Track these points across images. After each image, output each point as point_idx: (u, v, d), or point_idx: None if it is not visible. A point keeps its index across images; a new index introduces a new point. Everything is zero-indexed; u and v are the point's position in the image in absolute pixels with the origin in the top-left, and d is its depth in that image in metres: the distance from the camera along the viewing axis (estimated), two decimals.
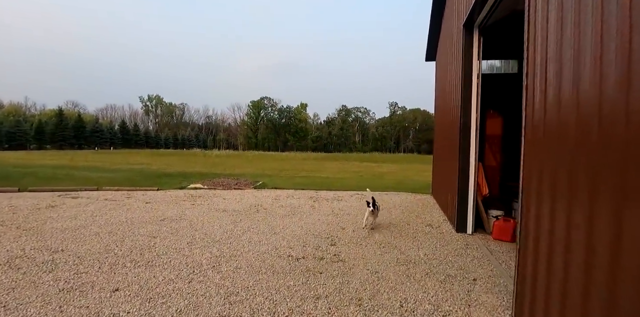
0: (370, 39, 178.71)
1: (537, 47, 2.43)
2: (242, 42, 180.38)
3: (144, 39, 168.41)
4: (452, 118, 6.20)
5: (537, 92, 2.43)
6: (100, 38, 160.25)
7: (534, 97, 2.50)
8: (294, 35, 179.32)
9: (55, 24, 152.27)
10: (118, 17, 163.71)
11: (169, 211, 7.69)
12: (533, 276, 2.39)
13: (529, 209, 2.56)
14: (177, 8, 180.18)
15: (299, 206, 8.65)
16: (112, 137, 79.38)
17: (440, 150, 8.31)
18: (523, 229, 2.64)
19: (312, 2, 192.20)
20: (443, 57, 7.81)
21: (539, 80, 2.40)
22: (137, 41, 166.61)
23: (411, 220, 6.72)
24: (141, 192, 11.25)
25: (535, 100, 2.47)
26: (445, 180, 6.94)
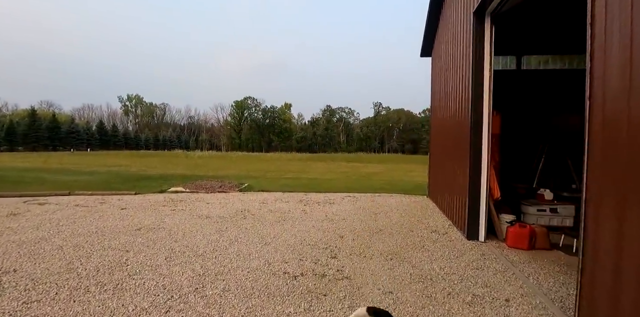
0: (355, 38, 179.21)
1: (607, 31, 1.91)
2: (225, 41, 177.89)
3: (123, 37, 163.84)
4: (459, 116, 5.73)
5: (612, 82, 1.91)
6: (77, 34, 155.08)
7: (603, 91, 1.99)
8: (277, 36, 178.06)
9: (29, 17, 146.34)
10: (95, 14, 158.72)
11: (146, 219, 6.96)
12: (609, 301, 1.87)
13: (597, 222, 2.04)
14: (159, 6, 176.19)
15: (289, 210, 8.04)
16: (89, 138, 76.41)
17: (440, 150, 7.85)
18: (590, 248, 2.12)
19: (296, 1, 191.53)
20: (444, 52, 7.34)
21: (617, 70, 1.88)
22: (116, 39, 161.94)
23: (413, 225, 6.21)
24: (117, 197, 10.42)
25: (608, 94, 1.95)
26: (449, 182, 6.47)
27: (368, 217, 7.03)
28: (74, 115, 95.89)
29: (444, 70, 7.24)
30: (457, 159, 5.83)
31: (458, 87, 5.85)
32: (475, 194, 4.92)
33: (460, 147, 5.48)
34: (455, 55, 6.13)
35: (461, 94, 5.64)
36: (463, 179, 5.22)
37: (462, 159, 5.31)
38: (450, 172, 6.42)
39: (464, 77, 5.46)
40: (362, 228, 6.05)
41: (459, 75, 5.84)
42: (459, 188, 5.54)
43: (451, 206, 6.26)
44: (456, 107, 6.00)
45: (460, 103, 5.66)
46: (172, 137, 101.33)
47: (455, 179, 5.94)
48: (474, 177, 4.92)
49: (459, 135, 5.64)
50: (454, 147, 6.02)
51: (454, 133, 6.15)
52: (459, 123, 5.73)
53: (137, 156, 46.52)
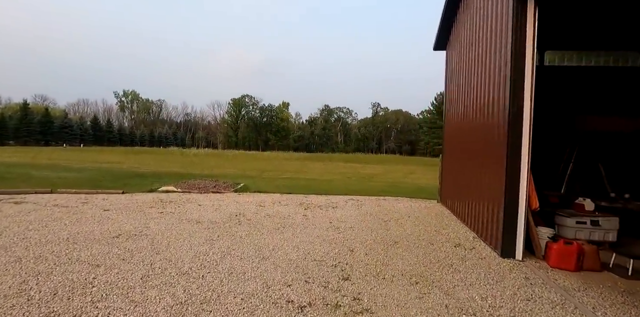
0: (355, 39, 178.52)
1: None
2: (224, 38, 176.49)
3: (121, 33, 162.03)
4: (488, 114, 5.01)
5: None
6: (74, 29, 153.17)
7: None
8: (276, 33, 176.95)
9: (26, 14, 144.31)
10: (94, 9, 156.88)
11: (128, 223, 6.17)
12: None
13: None
14: (157, 2, 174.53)
15: (288, 215, 7.28)
16: (82, 134, 75.05)
17: (458, 152, 7.10)
18: None
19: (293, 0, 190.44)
20: (466, 43, 6.59)
21: None
22: (113, 34, 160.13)
23: (432, 237, 5.46)
24: (102, 196, 9.62)
25: None
26: (471, 187, 5.74)
27: (378, 226, 6.28)
28: (69, 111, 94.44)
29: (465, 64, 6.50)
30: (484, 162, 5.10)
31: (488, 83, 5.11)
32: (512, 203, 4.18)
33: (491, 149, 4.75)
34: (484, 46, 5.38)
35: (492, 90, 4.91)
36: (495, 184, 4.49)
37: (494, 162, 4.58)
38: (473, 177, 5.70)
39: (497, 71, 4.73)
40: (374, 239, 5.30)
41: (489, 69, 5.10)
42: (488, 195, 4.81)
43: (475, 215, 5.52)
44: (484, 104, 5.26)
45: (492, 100, 4.92)
46: (168, 134, 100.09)
47: (480, 185, 5.22)
48: (511, 183, 4.18)
49: (489, 136, 4.92)
50: (482, 149, 5.28)
51: (480, 133, 5.41)
52: (488, 122, 5.01)
53: (131, 153, 45.55)
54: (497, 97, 4.67)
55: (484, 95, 5.26)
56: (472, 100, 5.93)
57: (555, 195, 5.65)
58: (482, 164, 5.18)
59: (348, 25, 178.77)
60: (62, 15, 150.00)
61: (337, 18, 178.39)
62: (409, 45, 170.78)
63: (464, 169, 6.43)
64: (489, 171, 4.85)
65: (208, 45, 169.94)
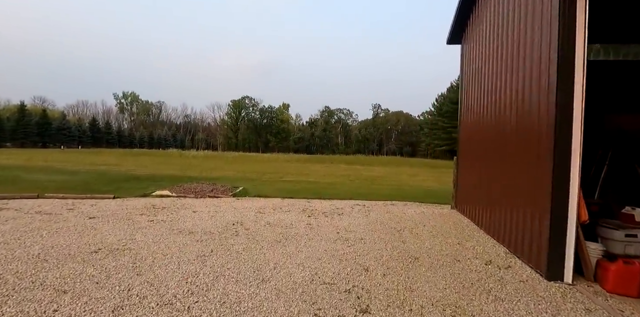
0: (354, 39, 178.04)
1: None
2: (223, 39, 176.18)
3: (120, 34, 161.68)
4: (526, 113, 4.35)
5: None
6: (72, 31, 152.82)
7: None
8: (276, 34, 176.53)
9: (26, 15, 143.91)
10: (93, 11, 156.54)
11: (113, 234, 5.51)
12: None
13: None
14: (157, 4, 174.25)
15: (291, 223, 6.61)
16: (80, 135, 74.39)
17: (480, 154, 6.42)
18: None
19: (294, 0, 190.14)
20: (491, 34, 5.91)
21: None
22: (113, 36, 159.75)
23: (457, 251, 4.78)
24: (92, 202, 8.97)
25: None
26: (500, 194, 5.07)
27: (391, 237, 5.61)
28: (67, 112, 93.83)
29: (490, 58, 5.81)
30: (520, 164, 4.44)
31: (524, 77, 4.45)
32: (560, 213, 3.50)
33: (530, 150, 4.09)
34: (516, 36, 4.71)
35: (530, 85, 4.25)
36: (537, 191, 3.81)
37: (535, 165, 3.92)
38: (502, 182, 5.03)
39: (538, 64, 4.07)
40: (390, 254, 4.62)
41: (525, 62, 4.44)
42: (526, 203, 4.14)
43: (505, 225, 4.85)
44: (518, 101, 4.58)
45: (529, 97, 4.26)
46: (167, 136, 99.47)
47: (514, 191, 4.56)
48: (559, 189, 3.50)
49: (527, 135, 4.26)
50: (516, 150, 4.61)
51: (512, 133, 4.73)
52: (525, 120, 4.35)
53: (129, 155, 44.89)
54: (537, 93, 4.01)
55: (518, 92, 4.59)
56: (500, 97, 5.26)
57: (595, 203, 4.98)
58: (516, 167, 4.50)
59: (349, 26, 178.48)
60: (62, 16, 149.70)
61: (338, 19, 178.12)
62: (410, 45, 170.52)
63: (488, 173, 5.76)
64: (526, 175, 4.18)
65: (208, 46, 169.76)
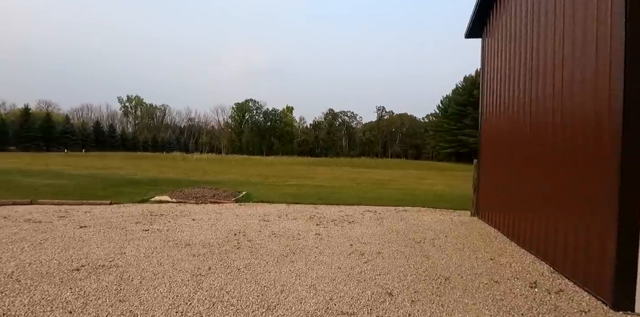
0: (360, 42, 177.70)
1: None
2: (227, 42, 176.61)
3: (125, 38, 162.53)
4: (575, 107, 3.75)
5: None
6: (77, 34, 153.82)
7: None
8: (280, 37, 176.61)
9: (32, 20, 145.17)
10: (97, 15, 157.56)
11: (101, 247, 4.96)
12: None
13: None
14: (161, 7, 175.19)
15: (298, 233, 6.03)
16: (84, 139, 74.33)
17: (511, 155, 5.78)
18: None
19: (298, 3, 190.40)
20: (522, 26, 5.30)
21: None
22: (117, 40, 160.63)
23: (491, 269, 4.15)
24: (86, 208, 8.47)
25: None
26: (544, 200, 4.44)
27: (412, 250, 5.00)
28: (72, 116, 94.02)
29: (525, 50, 5.19)
30: (567, 167, 3.83)
31: (575, 67, 3.85)
32: (630, 226, 2.88)
33: (584, 150, 3.48)
34: (566, 21, 4.12)
35: (583, 77, 3.65)
36: (598, 198, 3.20)
37: (592, 167, 3.31)
38: (543, 187, 4.41)
39: (590, 51, 3.48)
40: (415, 273, 4.01)
41: (574, 51, 3.85)
42: (580, 212, 3.52)
43: (547, 238, 4.21)
44: (567, 94, 3.98)
45: (582, 89, 3.66)
46: (171, 139, 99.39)
47: (559, 198, 3.95)
48: (628, 197, 2.87)
49: (578, 133, 3.65)
50: (562, 151, 3.99)
51: (557, 131, 4.12)
52: (576, 116, 3.74)
53: (132, 158, 44.60)
54: (593, 84, 3.41)
55: (566, 85, 3.99)
56: (538, 92, 4.66)
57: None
58: (564, 169, 3.88)
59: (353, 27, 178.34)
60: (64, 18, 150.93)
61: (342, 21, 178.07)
62: (415, 46, 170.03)
63: (522, 177, 5.12)
64: (579, 178, 3.57)
65: (213, 49, 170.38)
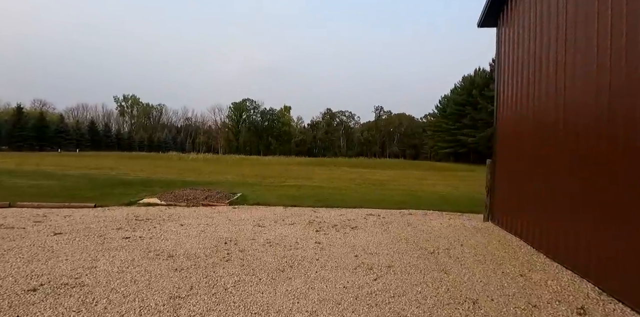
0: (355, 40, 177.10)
1: None
2: (224, 42, 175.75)
3: (121, 37, 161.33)
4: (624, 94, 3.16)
5: None
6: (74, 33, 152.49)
7: None
8: (277, 36, 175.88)
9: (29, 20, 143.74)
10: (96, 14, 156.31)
11: (71, 259, 4.34)
12: None
13: None
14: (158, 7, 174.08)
15: (296, 242, 5.41)
16: (79, 139, 73.27)
17: (534, 155, 5.17)
18: None
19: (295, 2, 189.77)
20: (552, 11, 4.70)
21: None
22: (114, 39, 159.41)
23: (523, 288, 3.50)
24: (68, 212, 7.84)
25: None
26: (580, 206, 3.84)
27: (426, 263, 4.38)
28: (68, 115, 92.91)
29: (555, 37, 4.58)
30: (619, 168, 3.23)
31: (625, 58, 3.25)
32: None
33: None
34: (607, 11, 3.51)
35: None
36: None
37: None
38: (585, 191, 3.80)
39: None
40: (435, 294, 3.38)
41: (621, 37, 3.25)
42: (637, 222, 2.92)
43: (590, 252, 3.61)
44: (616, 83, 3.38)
45: None
46: (167, 139, 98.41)
47: (608, 204, 3.35)
48: None
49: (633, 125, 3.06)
50: (609, 149, 3.39)
51: (604, 124, 3.52)
52: (625, 105, 3.14)
53: (127, 158, 43.76)
54: None
55: (611, 75, 3.38)
56: (575, 84, 4.04)
57: None
58: (623, 170, 3.28)
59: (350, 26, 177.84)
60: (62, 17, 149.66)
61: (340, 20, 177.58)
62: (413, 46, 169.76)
63: (554, 179, 4.50)
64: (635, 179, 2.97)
65: (210, 49, 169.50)
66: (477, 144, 54.57)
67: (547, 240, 4.56)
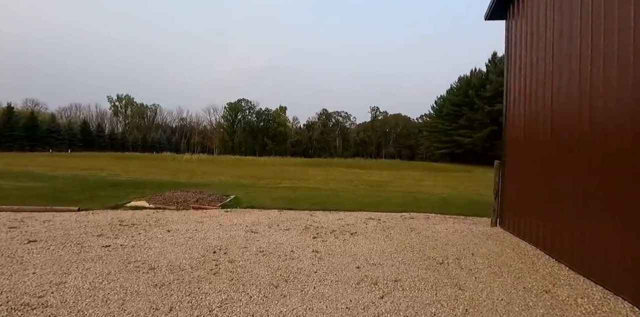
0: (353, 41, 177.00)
1: None
2: (219, 42, 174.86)
3: (116, 36, 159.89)
4: None
5: None
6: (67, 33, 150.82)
7: None
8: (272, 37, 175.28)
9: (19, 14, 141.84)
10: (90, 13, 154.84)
11: (39, 272, 3.87)
12: None
13: None
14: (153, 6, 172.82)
15: (292, 250, 4.96)
16: (71, 139, 72.10)
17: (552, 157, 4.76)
18: None
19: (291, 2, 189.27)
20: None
21: None
22: (108, 38, 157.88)
23: (552, 308, 3.04)
24: (48, 216, 7.36)
25: None
26: (612, 212, 3.43)
27: (437, 275, 3.95)
28: (60, 115, 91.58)
29: (577, 30, 4.18)
30: None
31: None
32: None
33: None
34: None
35: None
36: None
37: None
38: (623, 196, 3.39)
39: None
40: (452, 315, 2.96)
41: None
42: None
43: (620, 263, 3.20)
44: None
45: None
46: (161, 139, 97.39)
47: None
48: None
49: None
50: None
51: None
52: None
53: (120, 158, 43.04)
54: None
55: None
56: (607, 78, 3.62)
57: None
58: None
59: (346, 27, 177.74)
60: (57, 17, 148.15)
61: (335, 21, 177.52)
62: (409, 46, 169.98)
63: (576, 181, 4.10)
64: None
65: (205, 48, 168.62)
66: (473, 145, 54.42)
67: (570, 249, 4.13)
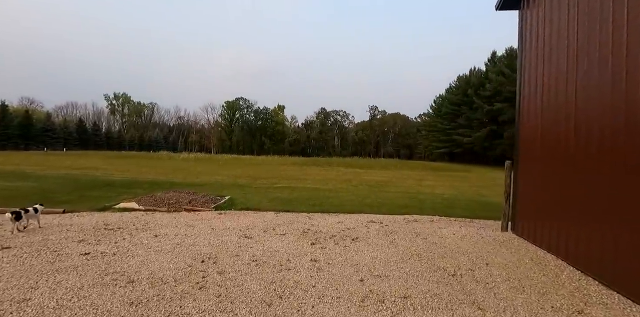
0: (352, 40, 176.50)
1: None
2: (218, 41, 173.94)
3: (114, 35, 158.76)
4: None
5: None
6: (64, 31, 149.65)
7: None
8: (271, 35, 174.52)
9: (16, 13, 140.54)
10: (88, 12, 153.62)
11: (3, 286, 3.41)
12: None
13: None
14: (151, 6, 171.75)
15: (288, 259, 4.53)
16: (66, 137, 71.30)
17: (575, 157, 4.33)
18: None
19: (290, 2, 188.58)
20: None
21: None
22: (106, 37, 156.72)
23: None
24: None
25: None
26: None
27: (449, 290, 3.53)
28: (56, 113, 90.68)
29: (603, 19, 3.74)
30: None
31: None
32: None
33: None
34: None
35: None
36: None
37: None
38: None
39: None
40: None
41: None
42: None
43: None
44: None
45: None
46: (158, 138, 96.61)
47: None
48: None
49: None
50: None
51: None
52: None
53: (115, 157, 42.49)
54: None
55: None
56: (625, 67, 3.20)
57: None
58: None
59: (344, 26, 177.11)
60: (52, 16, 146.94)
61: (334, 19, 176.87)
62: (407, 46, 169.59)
63: (608, 184, 3.65)
64: None
65: (203, 47, 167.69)
66: (472, 144, 54.10)
67: (600, 260, 3.69)
